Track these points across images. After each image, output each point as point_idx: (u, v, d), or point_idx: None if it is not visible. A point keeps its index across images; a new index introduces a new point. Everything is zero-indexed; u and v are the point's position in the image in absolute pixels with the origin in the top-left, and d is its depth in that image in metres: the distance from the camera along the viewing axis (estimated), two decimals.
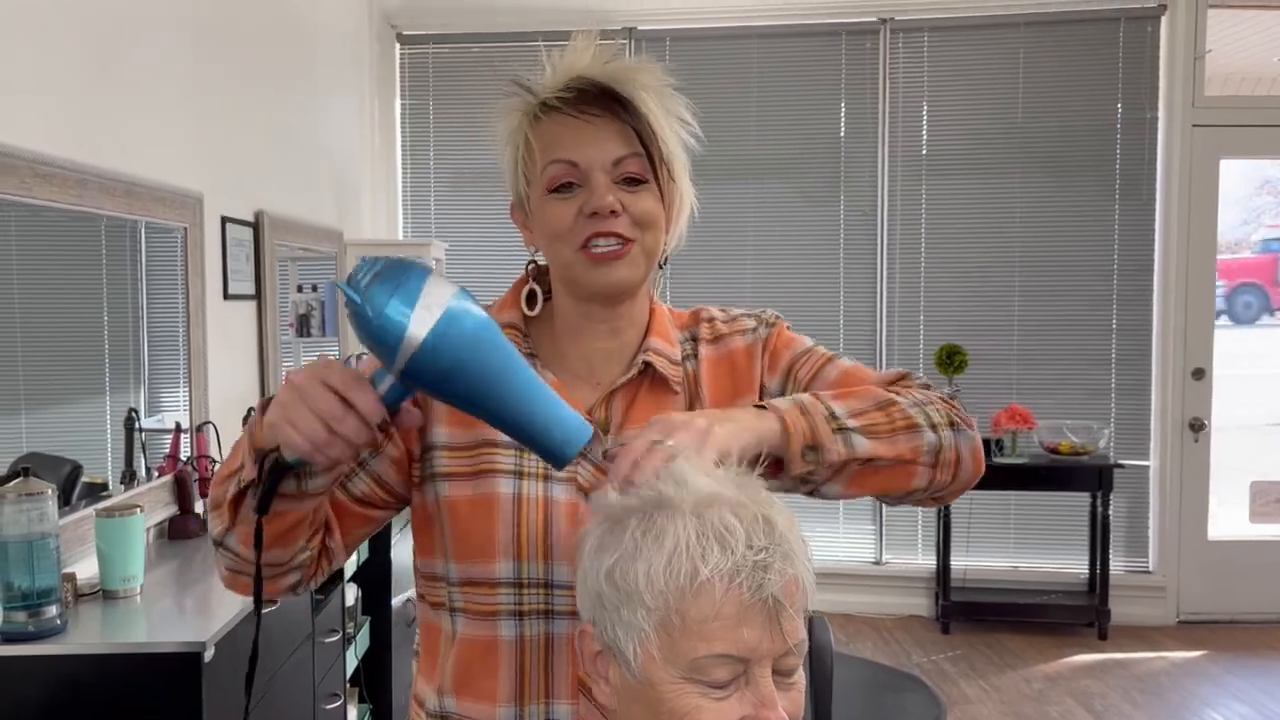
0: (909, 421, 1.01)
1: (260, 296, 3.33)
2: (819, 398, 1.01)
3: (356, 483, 1.07)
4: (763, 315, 1.17)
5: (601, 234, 1.02)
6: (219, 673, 1.88)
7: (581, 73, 1.04)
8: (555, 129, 1.04)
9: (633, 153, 1.03)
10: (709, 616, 0.77)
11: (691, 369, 1.12)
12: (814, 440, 0.96)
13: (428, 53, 4.92)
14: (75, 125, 2.26)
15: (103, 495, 2.37)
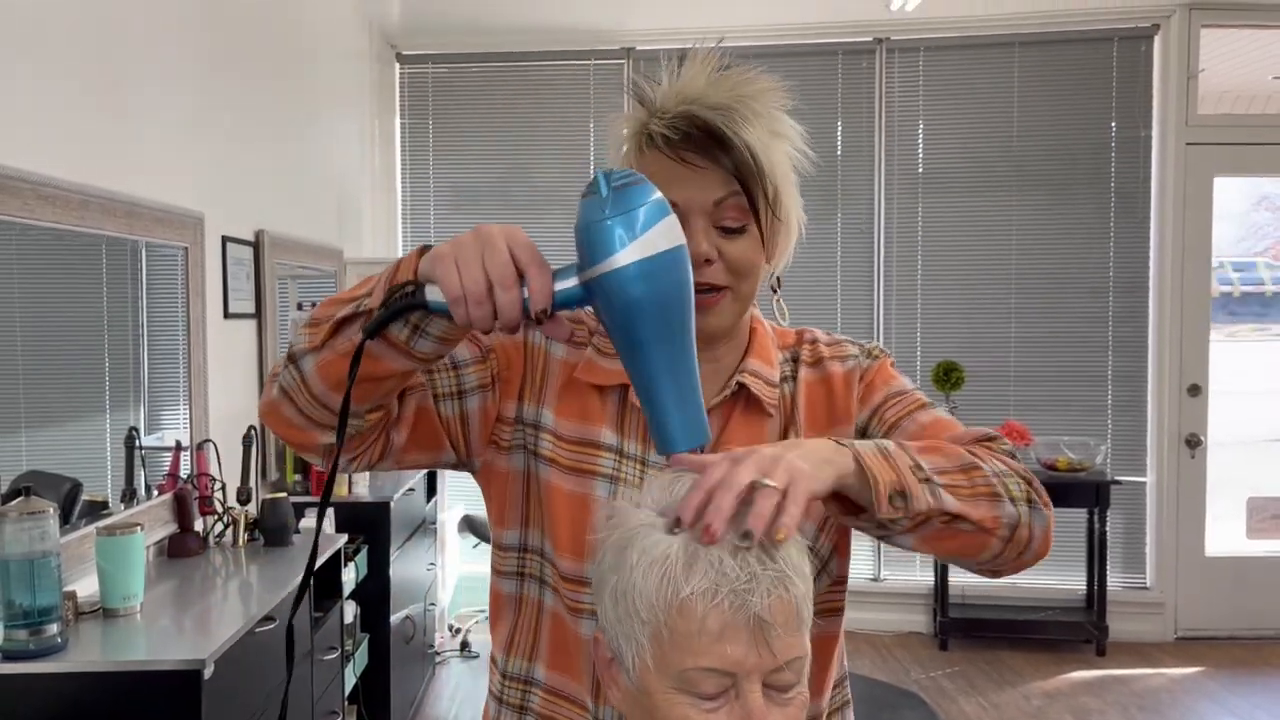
0: (990, 489, 0.96)
1: (260, 315, 3.35)
2: (902, 447, 0.95)
3: (447, 405, 1.07)
4: (868, 346, 1.16)
5: (697, 284, 0.97)
6: (219, 690, 1.89)
7: (694, 99, 1.03)
8: (657, 167, 1.02)
9: (732, 193, 1.02)
10: (694, 631, 0.79)
11: (789, 391, 1.12)
12: (902, 486, 0.91)
13: (427, 72, 4.95)
14: (77, 147, 2.28)
15: (103, 513, 2.39)
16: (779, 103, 1.06)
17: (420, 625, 3.82)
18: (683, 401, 0.89)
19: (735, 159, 1.01)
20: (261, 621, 2.14)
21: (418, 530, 3.80)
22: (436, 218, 4.99)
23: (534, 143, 4.92)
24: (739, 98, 1.03)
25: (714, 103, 1.02)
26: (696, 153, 1.01)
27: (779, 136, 1.06)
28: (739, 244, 1.03)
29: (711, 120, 1.01)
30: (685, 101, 1.03)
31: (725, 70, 1.05)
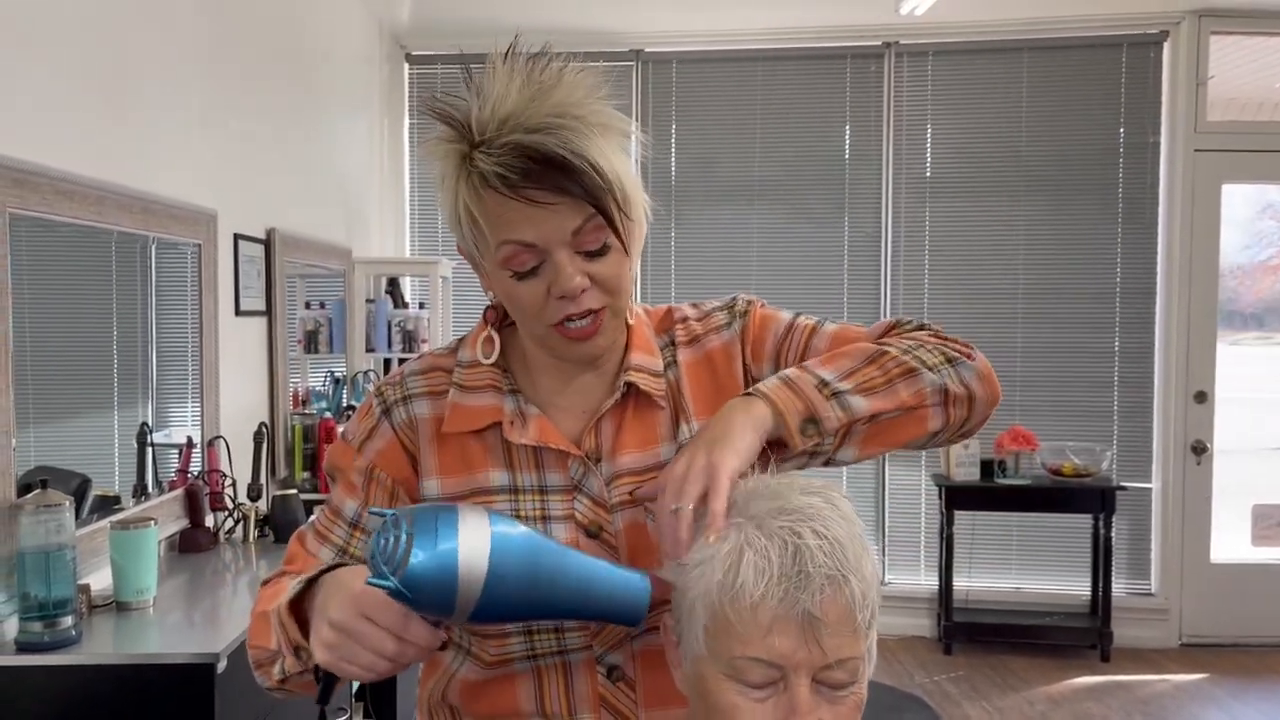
0: (904, 368, 0.99)
1: (270, 313, 3.36)
2: (805, 368, 0.98)
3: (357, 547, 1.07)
4: (734, 305, 1.13)
5: (574, 315, 0.98)
6: (231, 684, 1.90)
7: (514, 122, 0.94)
8: (503, 209, 0.95)
9: (588, 219, 0.95)
10: (744, 621, 0.81)
11: (673, 377, 1.09)
12: (809, 412, 0.94)
13: (436, 73, 4.97)
14: (95, 144, 2.29)
15: (115, 508, 2.40)
16: (595, 93, 0.99)
17: None
18: (608, 595, 0.90)
19: (584, 183, 0.94)
20: None
21: None
22: (443, 219, 4.99)
23: None
24: (559, 107, 0.95)
25: (538, 123, 0.94)
26: (543, 189, 0.93)
27: (608, 131, 0.99)
28: (605, 262, 0.98)
29: (544, 146, 0.93)
30: (507, 127, 0.94)
31: (531, 74, 0.97)
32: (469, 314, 4.88)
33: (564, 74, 0.98)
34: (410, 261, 4.87)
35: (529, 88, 0.96)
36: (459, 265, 4.76)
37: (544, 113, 0.95)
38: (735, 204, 4.78)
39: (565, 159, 0.93)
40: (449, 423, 1.05)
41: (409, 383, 1.09)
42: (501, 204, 0.95)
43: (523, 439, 1.03)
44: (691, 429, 1.05)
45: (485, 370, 1.07)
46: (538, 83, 0.97)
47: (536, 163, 0.93)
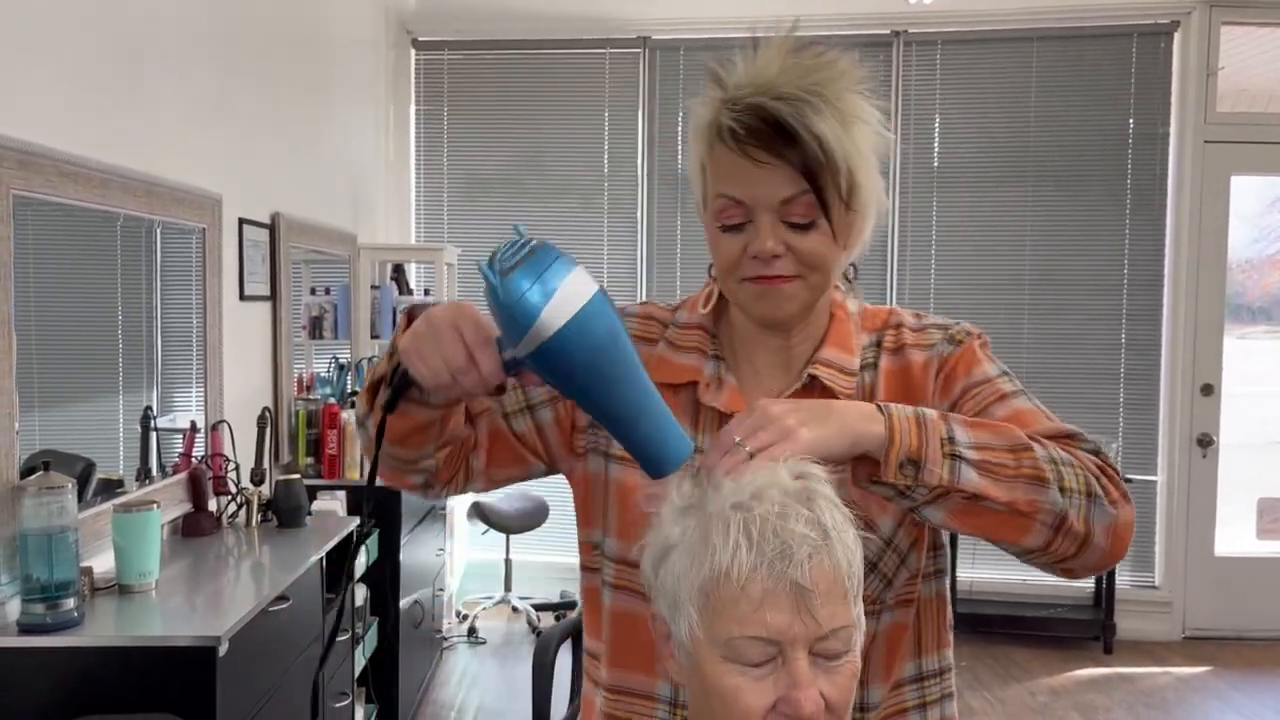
0: (1036, 473, 0.92)
1: (275, 298, 3.35)
2: (947, 419, 0.94)
3: (519, 420, 1.12)
4: (953, 330, 1.10)
5: (764, 277, 1.02)
6: (233, 668, 1.90)
7: (765, 87, 0.99)
8: (726, 162, 1.00)
9: (800, 192, 0.98)
10: (736, 600, 0.81)
11: (868, 380, 1.09)
12: (917, 455, 0.91)
13: (443, 58, 4.95)
14: (100, 126, 2.29)
15: (118, 492, 2.40)
16: (855, 85, 1.02)
17: (428, 610, 3.83)
18: (655, 427, 0.90)
19: (804, 154, 0.97)
20: (275, 601, 2.14)
21: (427, 516, 3.81)
22: (450, 204, 5.00)
23: (548, 131, 4.91)
24: (812, 85, 0.99)
25: (784, 92, 0.98)
26: (763, 149, 0.98)
27: (855, 122, 1.01)
28: (809, 239, 1.00)
29: (779, 113, 0.97)
30: (757, 90, 0.99)
31: (800, 53, 1.02)
32: (474, 299, 4.86)
33: (831, 60, 1.02)
34: (416, 248, 4.87)
35: (791, 62, 1.01)
36: (464, 252, 4.75)
37: (794, 85, 0.99)
38: None
39: (794, 128, 0.97)
40: (652, 371, 1.07)
41: (628, 323, 1.11)
42: (726, 156, 1.00)
43: (714, 402, 1.07)
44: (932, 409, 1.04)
45: (696, 333, 1.12)
46: (802, 62, 1.01)
47: (767, 124, 0.97)
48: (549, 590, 4.89)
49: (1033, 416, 1.02)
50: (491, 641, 4.49)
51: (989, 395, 1.05)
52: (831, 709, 0.82)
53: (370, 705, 3.25)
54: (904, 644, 1.12)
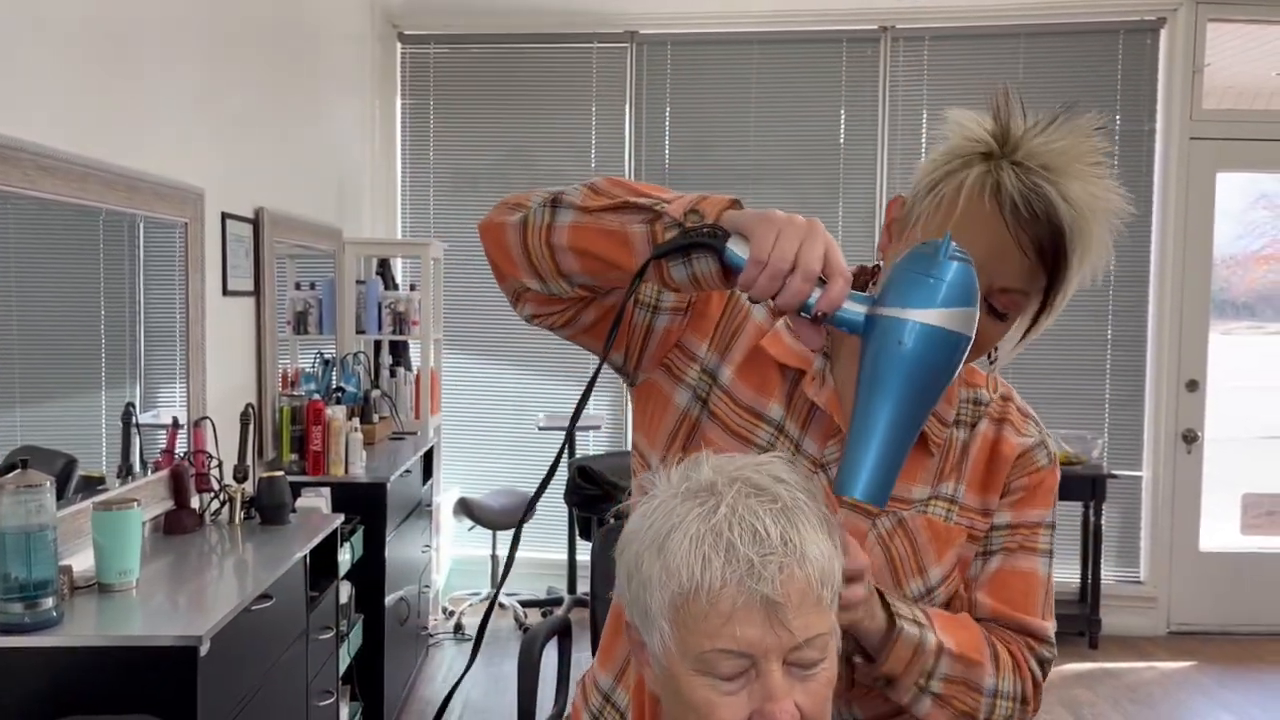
0: (971, 711, 1.05)
1: (259, 293, 3.33)
2: (941, 654, 1.02)
3: (640, 311, 1.10)
4: (1052, 447, 1.14)
5: None
6: (215, 667, 1.89)
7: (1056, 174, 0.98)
8: (979, 217, 0.98)
9: (1022, 291, 1.01)
10: (706, 614, 0.80)
11: (963, 437, 1.11)
12: (896, 680, 1.01)
13: (429, 53, 4.92)
14: (79, 119, 2.26)
15: (99, 489, 2.37)
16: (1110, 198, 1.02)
17: (414, 607, 3.81)
18: (886, 462, 0.89)
19: (1057, 269, 0.99)
20: (258, 600, 2.13)
21: (413, 512, 3.79)
22: (436, 200, 4.97)
23: (535, 126, 4.89)
24: (1093, 196, 0.99)
25: (1074, 196, 0.97)
26: (1033, 244, 0.97)
27: (1098, 242, 1.02)
28: (996, 328, 1.03)
29: (1065, 230, 0.97)
30: (1047, 170, 0.98)
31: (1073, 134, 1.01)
32: (460, 296, 4.86)
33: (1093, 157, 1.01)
34: (402, 243, 4.84)
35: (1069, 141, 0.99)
36: (450, 247, 4.73)
37: (1079, 193, 0.98)
38: (729, 187, 4.71)
39: (1068, 240, 0.97)
40: (769, 342, 1.09)
41: None
42: (988, 219, 0.97)
43: (816, 397, 1.08)
44: (956, 491, 1.10)
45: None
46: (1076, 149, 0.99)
47: (1049, 222, 0.96)
48: (536, 587, 4.87)
49: (1036, 588, 1.12)
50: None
51: (1027, 540, 1.12)
52: (806, 718, 0.81)
53: (355, 703, 3.23)
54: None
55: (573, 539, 4.71)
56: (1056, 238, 0.97)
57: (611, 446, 4.95)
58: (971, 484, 1.10)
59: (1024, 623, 1.11)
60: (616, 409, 4.96)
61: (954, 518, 1.09)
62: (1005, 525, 1.11)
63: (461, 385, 4.97)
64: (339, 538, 2.83)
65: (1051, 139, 0.99)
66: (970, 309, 0.87)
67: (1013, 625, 1.11)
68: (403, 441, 4.02)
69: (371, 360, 4.35)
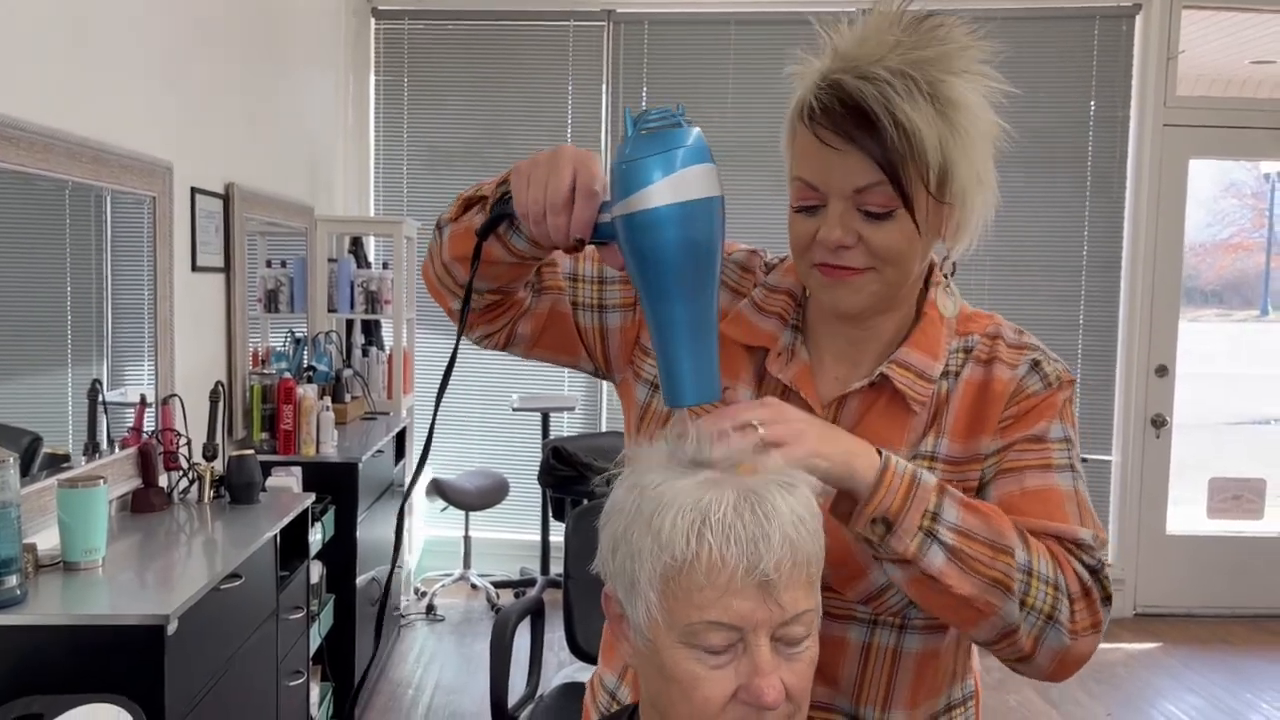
0: (1003, 579, 0.90)
1: (229, 270, 3.28)
2: (944, 492, 0.90)
3: (587, 315, 1.11)
4: (1046, 366, 1.02)
5: (832, 266, 0.96)
6: (182, 647, 1.86)
7: (852, 63, 0.92)
8: (805, 144, 0.95)
9: (876, 182, 0.91)
10: (701, 585, 0.79)
11: (946, 388, 1.02)
12: (893, 517, 0.88)
13: (403, 28, 4.86)
14: (42, 89, 2.21)
15: (64, 467, 2.34)
16: (967, 66, 0.94)
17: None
18: (697, 357, 0.88)
19: (883, 142, 0.89)
20: (227, 579, 2.10)
21: (385, 492, 3.77)
22: (410, 176, 4.92)
23: (511, 104, 4.85)
24: (909, 64, 0.91)
25: (872, 71, 0.90)
26: (838, 133, 0.91)
27: (958, 107, 0.92)
28: (884, 230, 0.93)
29: (861, 94, 0.90)
30: (847, 66, 0.92)
31: (913, 27, 0.94)
32: None
33: (942, 36, 0.94)
34: (374, 221, 4.80)
35: (895, 38, 0.93)
36: (424, 225, 4.69)
37: (887, 65, 0.91)
38: None
39: (873, 112, 0.90)
40: (728, 325, 1.06)
41: (729, 270, 1.12)
42: (805, 137, 0.95)
43: (781, 374, 1.04)
44: (939, 445, 1.01)
45: (782, 298, 1.08)
46: (905, 42, 0.93)
47: (844, 106, 0.91)
48: (509, 568, 4.87)
49: (1061, 499, 0.98)
50: (450, 619, 4.46)
51: (1035, 459, 0.99)
52: (791, 697, 0.81)
53: (326, 683, 3.21)
54: (943, 673, 1.07)
55: (546, 520, 4.70)
56: (857, 116, 0.90)
57: (586, 428, 4.94)
58: (955, 434, 1.01)
59: (1050, 529, 0.96)
60: (591, 390, 4.94)
61: (936, 475, 0.99)
62: (994, 451, 1.01)
63: (434, 365, 4.94)
64: (310, 517, 2.80)
65: (856, 45, 0.95)
66: (700, 164, 0.83)
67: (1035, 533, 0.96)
68: (375, 421, 3.99)
69: (343, 339, 4.31)
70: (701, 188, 0.83)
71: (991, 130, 0.97)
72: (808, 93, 0.95)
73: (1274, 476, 4.82)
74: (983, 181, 0.98)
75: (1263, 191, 6.80)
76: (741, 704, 0.80)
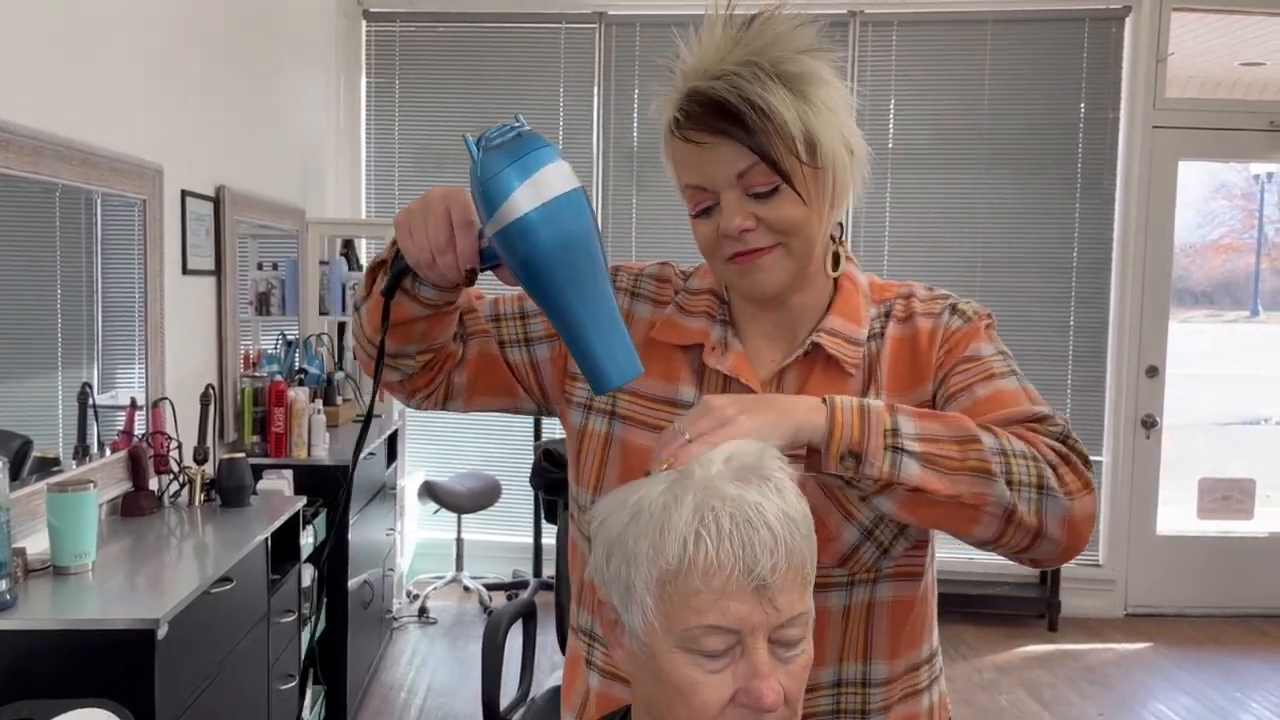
0: (981, 465, 0.91)
1: (220, 272, 3.28)
2: (894, 409, 0.92)
3: (515, 351, 1.14)
4: (963, 306, 1.09)
5: (740, 253, 1.01)
6: (172, 651, 1.86)
7: (704, 71, 0.99)
8: (680, 153, 1.02)
9: (752, 163, 0.97)
10: (698, 590, 0.79)
11: (874, 348, 1.07)
12: (858, 447, 0.89)
13: (395, 30, 4.86)
14: (32, 92, 2.20)
15: (54, 470, 2.33)
16: (801, 45, 1.00)
17: (378, 590, 3.79)
18: (607, 340, 0.90)
19: (745, 125, 0.96)
20: (218, 582, 2.10)
21: (377, 495, 3.76)
22: (401, 179, 4.92)
23: (502, 106, 4.84)
24: (748, 56, 0.98)
25: (719, 71, 0.98)
26: (703, 130, 0.98)
27: (805, 80, 0.98)
28: (776, 206, 0.99)
29: (714, 92, 0.97)
30: (698, 76, 0.99)
31: (745, 29, 1.00)
32: None
33: (773, 29, 1.00)
34: (366, 223, 4.79)
35: (730, 40, 0.99)
36: None
37: (731, 61, 0.98)
38: None
39: (727, 102, 0.96)
40: (659, 331, 1.11)
41: (642, 282, 1.16)
42: (679, 148, 1.01)
43: (719, 365, 1.07)
44: (879, 400, 1.00)
45: (705, 298, 1.12)
46: (743, 38, 0.99)
47: (703, 107, 0.98)
48: (501, 570, 4.86)
49: (1014, 397, 1.02)
50: (442, 621, 4.46)
51: (977, 373, 1.04)
52: (788, 700, 0.81)
53: (318, 687, 3.21)
54: (918, 623, 1.11)
55: (538, 522, 4.69)
56: (717, 110, 0.97)
57: None
58: (891, 388, 1.06)
59: (1005, 417, 0.99)
60: None
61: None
62: (940, 380, 1.05)
63: None
64: (301, 520, 2.80)
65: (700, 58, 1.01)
66: (551, 164, 0.87)
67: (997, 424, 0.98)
68: None
69: (335, 342, 4.30)
70: (560, 184, 0.87)
71: (845, 98, 1.02)
72: (672, 109, 1.01)
73: (1263, 477, 4.84)
74: (850, 145, 1.03)
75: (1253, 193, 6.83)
76: (740, 707, 0.80)
